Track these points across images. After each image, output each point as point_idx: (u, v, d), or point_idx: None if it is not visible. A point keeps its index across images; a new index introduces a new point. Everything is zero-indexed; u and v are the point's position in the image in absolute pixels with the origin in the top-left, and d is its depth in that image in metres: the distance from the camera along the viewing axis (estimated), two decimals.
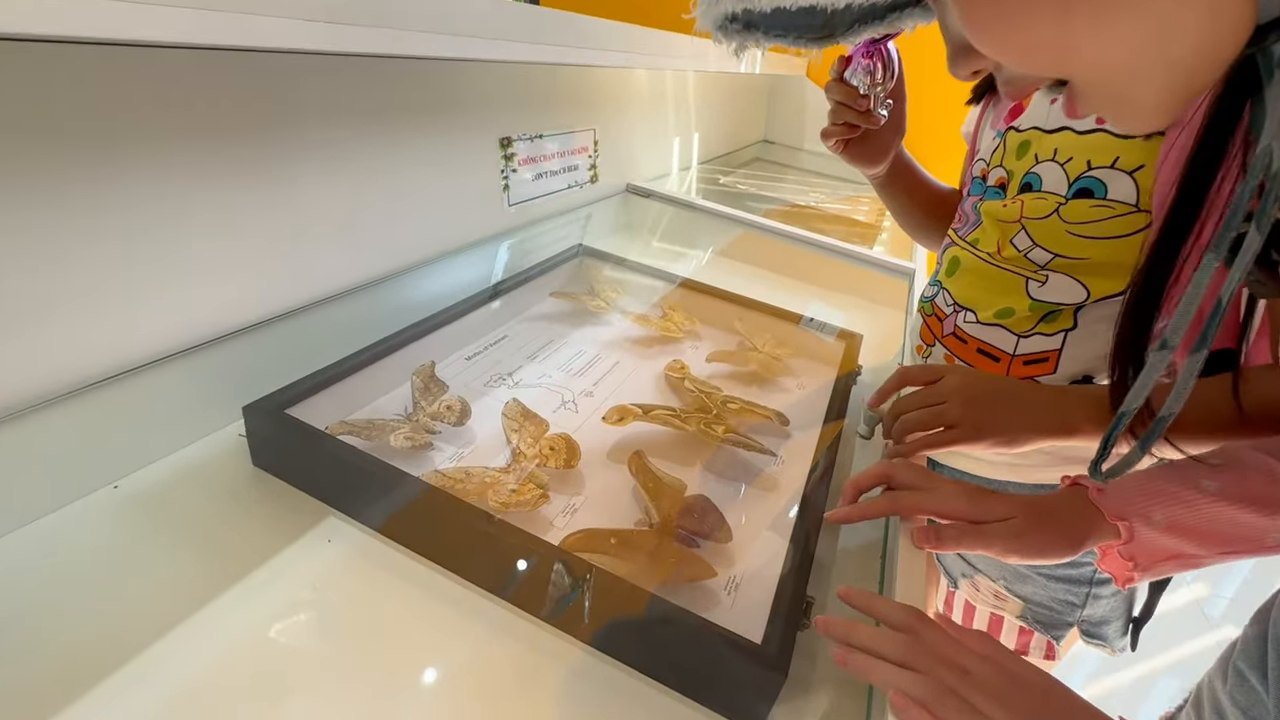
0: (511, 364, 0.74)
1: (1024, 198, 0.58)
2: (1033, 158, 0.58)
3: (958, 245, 0.66)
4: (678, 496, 0.55)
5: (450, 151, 0.79)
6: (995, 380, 0.56)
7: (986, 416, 0.53)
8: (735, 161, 1.92)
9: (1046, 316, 0.58)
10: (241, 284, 0.58)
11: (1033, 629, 0.68)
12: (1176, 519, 0.43)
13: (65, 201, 0.44)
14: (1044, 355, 0.58)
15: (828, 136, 0.68)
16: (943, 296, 0.66)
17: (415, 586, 0.46)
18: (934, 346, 0.67)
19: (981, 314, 0.61)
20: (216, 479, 0.52)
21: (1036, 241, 0.57)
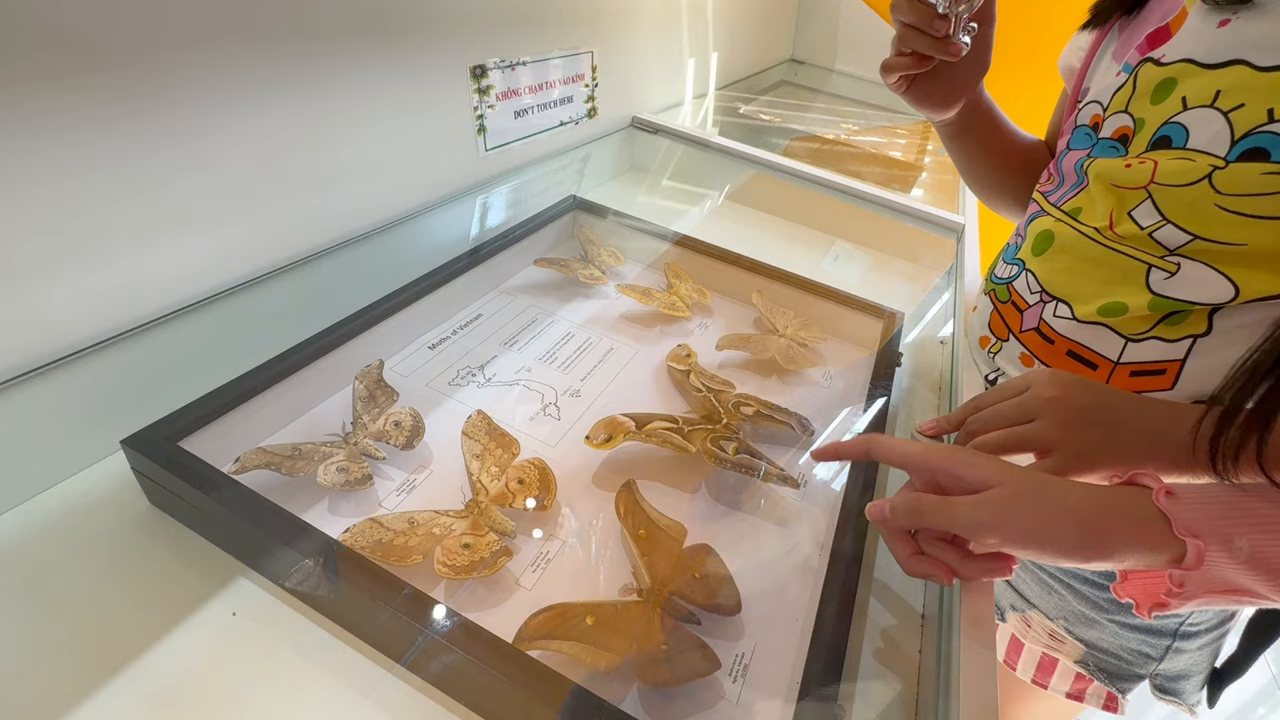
0: (484, 354, 0.62)
1: (1157, 156, 0.43)
2: (1179, 102, 0.43)
3: (1050, 214, 0.51)
4: (675, 549, 0.44)
5: (406, 84, 0.63)
6: (1102, 391, 0.42)
7: (1093, 439, 0.40)
8: (758, 86, 1.71)
9: (1170, 317, 0.44)
10: (130, 269, 0.46)
11: (1093, 677, 0.59)
12: (1266, 552, 0.32)
13: None
14: (1159, 366, 0.45)
15: (890, 71, 0.52)
16: (1026, 280, 0.52)
17: (339, 679, 0.37)
18: (1007, 342, 0.53)
19: (1080, 308, 0.47)
20: (100, 525, 0.42)
21: (1169, 217, 0.42)
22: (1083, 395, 0.41)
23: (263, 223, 0.54)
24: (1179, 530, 0.32)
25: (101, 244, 0.44)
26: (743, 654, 0.41)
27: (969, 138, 0.60)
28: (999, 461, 0.36)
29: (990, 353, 0.56)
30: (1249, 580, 0.32)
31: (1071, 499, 0.34)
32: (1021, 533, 0.33)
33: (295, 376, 0.49)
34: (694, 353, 0.65)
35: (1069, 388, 0.42)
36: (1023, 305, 0.52)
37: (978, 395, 0.46)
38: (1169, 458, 0.39)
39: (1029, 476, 0.35)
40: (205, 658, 0.37)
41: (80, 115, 0.40)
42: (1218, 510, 0.33)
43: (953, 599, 0.40)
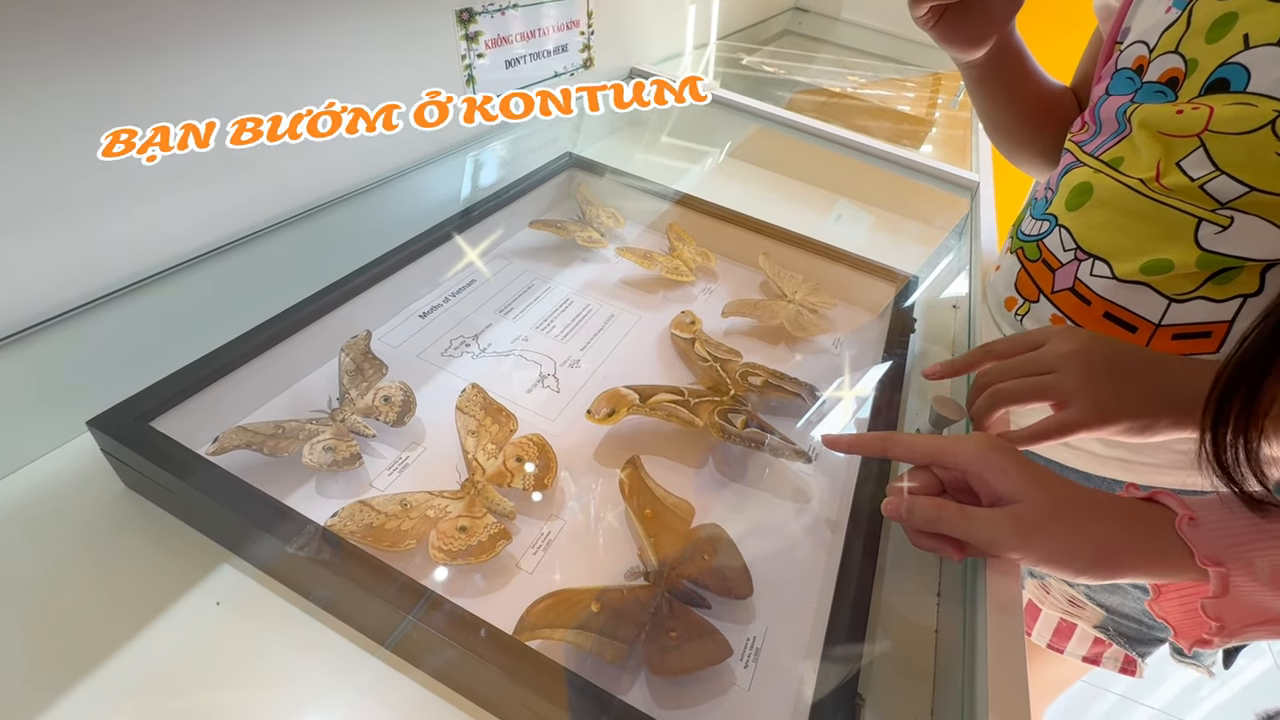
0: (478, 322, 0.59)
1: (1212, 101, 0.40)
2: (1239, 40, 0.39)
3: (1087, 165, 0.48)
4: (683, 529, 0.42)
5: (387, 29, 0.58)
6: (1120, 346, 0.41)
7: (1112, 393, 0.38)
8: (760, 36, 1.63)
9: (1219, 275, 0.41)
10: (95, 233, 0.42)
11: (1112, 641, 0.58)
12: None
13: None
14: (1205, 328, 0.42)
15: (920, 2, 0.48)
16: (1060, 236, 0.49)
17: (331, 674, 0.35)
18: (1036, 304, 0.51)
19: (1120, 266, 0.45)
20: (73, 509, 0.39)
21: (1223, 167, 0.39)
22: (1102, 350, 0.39)
23: (237, 183, 0.50)
24: (1202, 561, 0.31)
25: (61, 205, 0.40)
26: (754, 638, 0.39)
27: (996, 82, 0.56)
28: (1029, 473, 0.34)
29: (1017, 314, 0.53)
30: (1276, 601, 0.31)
31: (1092, 525, 0.33)
32: (1039, 556, 0.33)
33: (276, 349, 0.46)
34: (698, 319, 0.62)
35: (1088, 343, 0.40)
36: (1055, 264, 0.49)
37: (991, 341, 0.43)
38: (1187, 414, 0.38)
39: (1055, 495, 0.34)
40: (189, 650, 0.35)
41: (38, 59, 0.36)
42: (1239, 530, 0.32)
43: (976, 581, 0.38)
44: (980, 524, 0.34)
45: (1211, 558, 0.32)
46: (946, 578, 0.45)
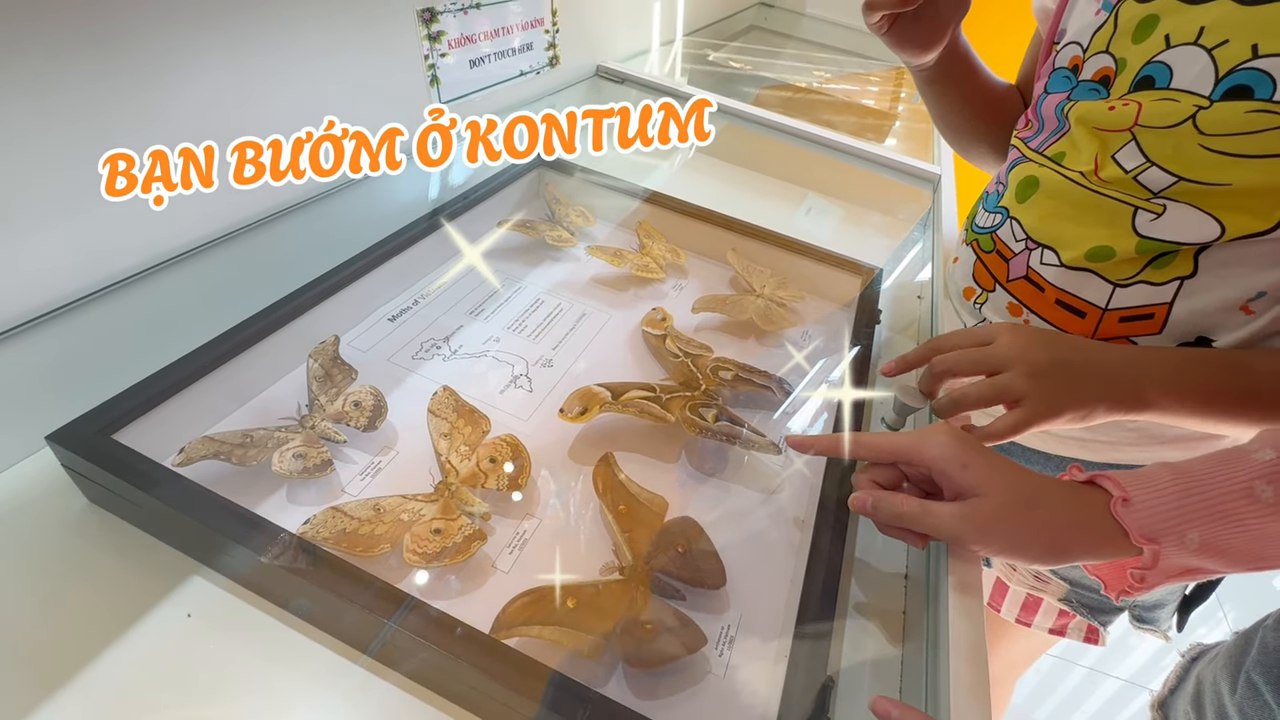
0: (448, 324, 0.59)
1: (1140, 97, 0.42)
2: (1162, 40, 0.41)
3: (1032, 160, 0.50)
4: (656, 523, 0.43)
5: (346, 30, 0.58)
6: (1059, 340, 0.43)
7: (1059, 387, 0.41)
8: (727, 32, 1.64)
9: (1157, 260, 0.43)
10: (48, 243, 0.41)
11: (1075, 613, 0.61)
12: (1215, 538, 0.34)
13: None
14: (1148, 310, 0.45)
15: (873, 10, 0.50)
16: (1011, 228, 0.51)
17: (308, 680, 0.35)
18: (993, 293, 0.53)
19: (1066, 254, 0.47)
20: (35, 525, 0.39)
21: (1153, 159, 0.41)
22: (1045, 349, 0.42)
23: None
24: (1136, 539, 0.34)
25: (11, 214, 0.39)
26: (728, 626, 0.40)
27: (946, 83, 0.58)
28: (987, 466, 0.36)
29: (976, 304, 0.55)
30: (1201, 562, 0.34)
31: (1045, 514, 0.35)
32: (996, 548, 0.36)
33: (242, 357, 0.46)
34: (669, 316, 0.63)
35: (1031, 343, 0.42)
36: (1009, 254, 0.51)
37: (939, 337, 0.45)
38: (1120, 399, 0.41)
39: (1011, 487, 0.36)
40: (161, 663, 0.34)
41: None
42: (1169, 508, 0.34)
43: (939, 565, 0.39)
44: (941, 520, 0.36)
45: (1145, 535, 0.34)
46: (913, 563, 0.46)
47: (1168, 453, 0.51)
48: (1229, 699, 0.41)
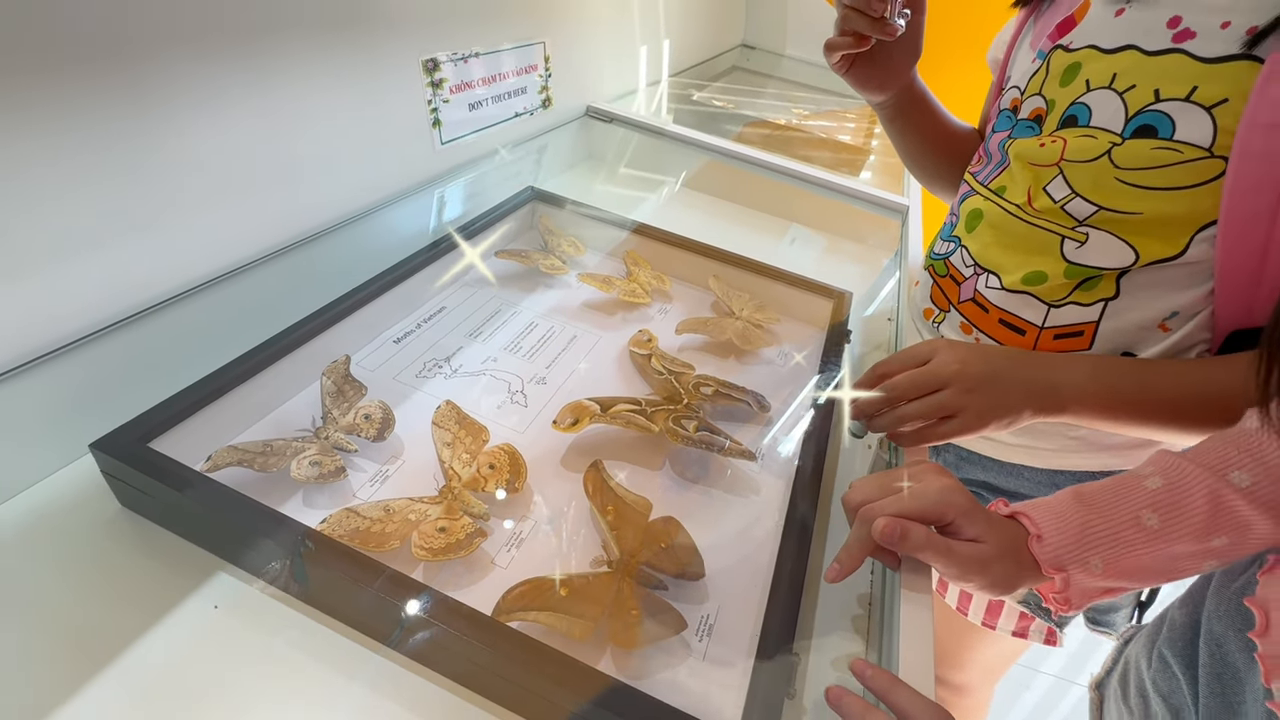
0: (449, 346, 0.63)
1: (1066, 134, 0.48)
2: (1083, 84, 0.47)
3: (979, 193, 0.56)
4: (642, 522, 0.47)
5: (358, 79, 0.64)
6: (990, 354, 0.49)
7: (989, 398, 0.46)
8: (710, 72, 1.73)
9: (1084, 283, 0.49)
10: (87, 272, 0.45)
11: (1034, 615, 0.64)
12: (1114, 562, 0.39)
13: None
14: (1078, 328, 0.50)
15: (833, 50, 0.56)
16: (961, 255, 0.56)
17: (327, 664, 0.38)
18: (948, 313, 0.58)
19: (1007, 278, 0.52)
20: (73, 528, 0.42)
21: (1077, 190, 0.47)
22: (978, 364, 0.47)
23: (218, 222, 0.54)
24: (1046, 571, 0.39)
25: (57, 245, 0.43)
26: (708, 615, 0.44)
27: (906, 121, 0.64)
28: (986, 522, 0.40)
29: (934, 323, 0.60)
30: (1111, 583, 0.39)
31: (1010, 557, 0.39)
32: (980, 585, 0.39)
33: (262, 374, 0.50)
34: (654, 337, 0.68)
35: (966, 360, 0.47)
36: (960, 278, 0.56)
37: (881, 361, 0.51)
38: (1042, 405, 0.46)
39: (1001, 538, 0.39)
40: (190, 652, 0.38)
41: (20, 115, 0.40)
42: (1071, 541, 0.39)
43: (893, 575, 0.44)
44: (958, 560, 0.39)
45: (1054, 566, 0.39)
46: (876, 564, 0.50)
47: (1108, 459, 0.55)
48: (1146, 674, 0.45)
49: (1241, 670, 0.37)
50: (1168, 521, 0.38)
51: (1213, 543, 0.38)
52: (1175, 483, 0.39)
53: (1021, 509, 0.41)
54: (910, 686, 0.34)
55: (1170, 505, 0.39)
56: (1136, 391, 0.46)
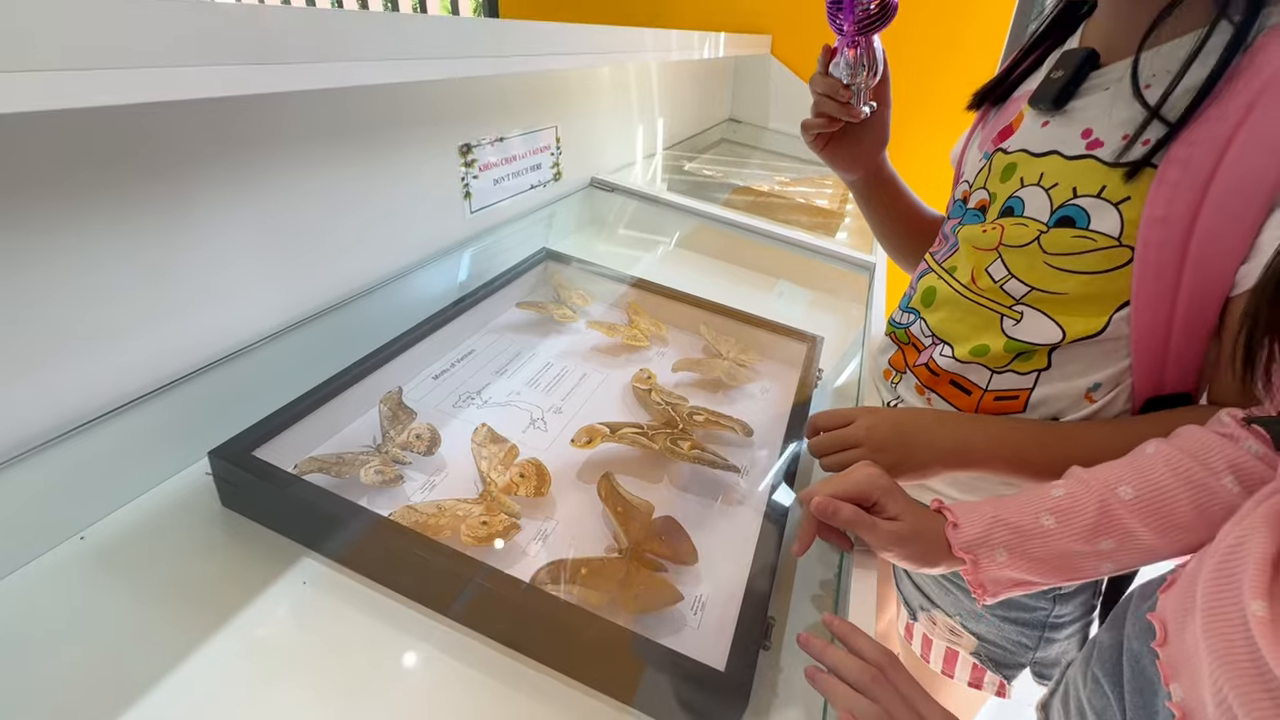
0: (479, 382, 0.74)
1: (1004, 222, 0.56)
2: (1018, 181, 0.56)
3: (934, 271, 0.64)
4: (646, 520, 0.57)
5: (408, 166, 0.77)
6: (901, 417, 0.58)
7: (896, 456, 0.55)
8: (700, 145, 1.91)
9: (1021, 355, 0.56)
10: (197, 322, 0.57)
11: (985, 667, 0.69)
12: (1016, 552, 0.46)
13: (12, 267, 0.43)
14: (1014, 394, 0.57)
15: (807, 129, 0.67)
16: (920, 326, 0.64)
17: (394, 627, 0.48)
18: (905, 374, 0.66)
19: (958, 349, 0.59)
20: (185, 523, 0.52)
21: (1013, 272, 0.55)
22: (884, 429, 0.57)
23: (297, 280, 0.66)
24: (956, 553, 0.47)
25: (178, 304, 0.55)
26: (701, 595, 0.54)
27: (877, 200, 0.75)
28: (908, 502, 0.50)
29: (891, 383, 0.68)
30: (1019, 575, 0.46)
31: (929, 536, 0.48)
32: (899, 557, 0.49)
33: (331, 402, 0.61)
34: (654, 375, 0.79)
35: (875, 426, 0.57)
36: (921, 347, 0.64)
37: (816, 415, 0.61)
38: (947, 461, 0.55)
39: (917, 518, 0.49)
40: (286, 616, 0.47)
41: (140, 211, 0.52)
42: (981, 531, 0.47)
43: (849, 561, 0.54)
44: (879, 534, 0.48)
45: (963, 549, 0.46)
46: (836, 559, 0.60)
47: None
48: (1083, 693, 0.48)
49: (1154, 680, 0.40)
50: (1061, 523, 0.45)
51: (1100, 545, 0.45)
52: (1073, 492, 0.47)
53: (946, 504, 0.50)
54: (865, 633, 0.44)
55: (1065, 510, 0.46)
56: (1036, 450, 0.54)
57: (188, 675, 0.43)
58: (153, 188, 0.51)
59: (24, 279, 0.44)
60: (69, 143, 0.45)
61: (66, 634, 0.44)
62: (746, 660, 0.45)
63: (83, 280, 0.48)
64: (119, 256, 0.50)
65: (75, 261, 0.47)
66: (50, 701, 0.40)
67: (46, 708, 0.40)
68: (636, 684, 0.45)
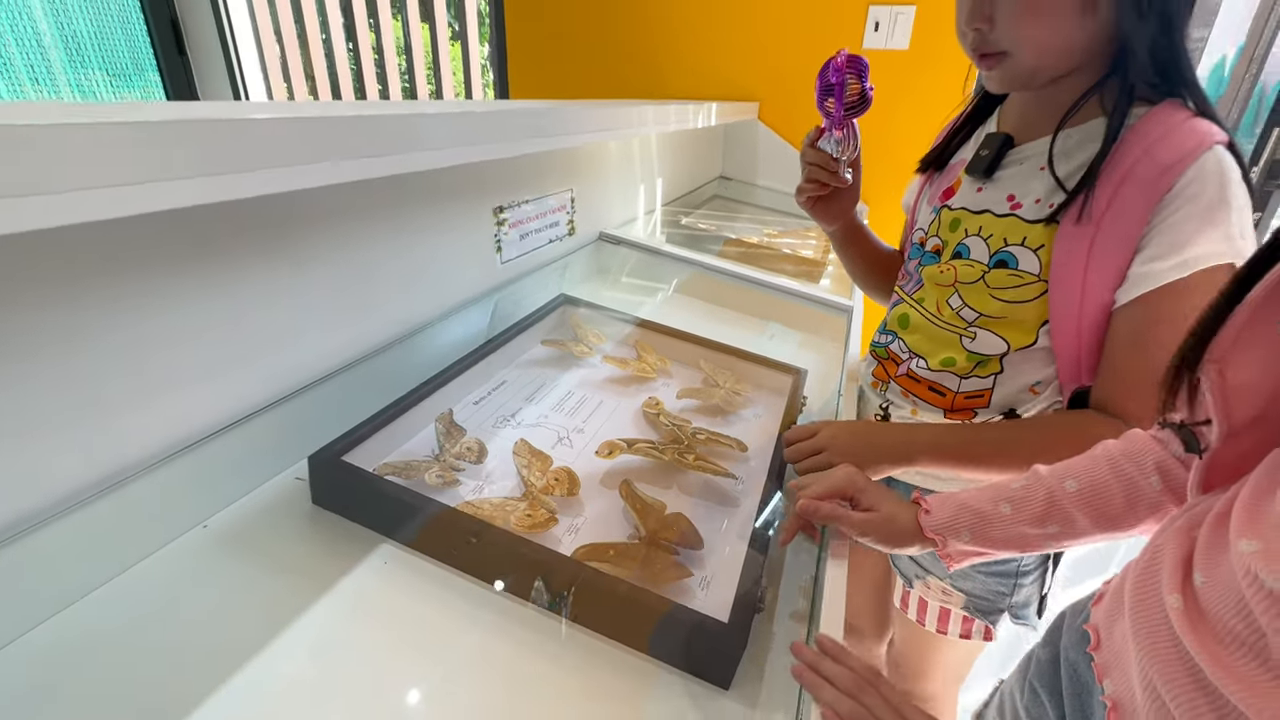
0: (513, 406, 0.87)
1: (955, 264, 0.73)
2: (963, 232, 0.73)
3: (905, 302, 0.81)
4: (660, 514, 0.69)
5: (452, 225, 0.92)
6: (855, 427, 0.74)
7: (852, 458, 0.69)
8: (695, 200, 2.09)
9: (980, 364, 0.72)
10: (285, 356, 0.70)
11: (974, 617, 0.83)
12: (978, 535, 0.56)
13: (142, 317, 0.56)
14: (980, 393, 0.73)
15: (801, 193, 0.83)
16: (898, 344, 0.80)
17: (456, 594, 0.59)
18: (889, 383, 0.82)
19: (931, 362, 0.76)
20: (284, 515, 0.64)
21: (966, 302, 0.71)
22: (843, 437, 0.72)
23: (364, 321, 0.79)
24: (927, 534, 0.58)
25: (275, 341, 0.68)
26: (707, 576, 0.65)
27: (850, 243, 0.93)
28: (877, 489, 0.62)
29: (881, 390, 0.83)
30: (979, 549, 0.57)
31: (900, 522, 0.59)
32: (874, 541, 0.60)
33: (396, 420, 0.73)
34: (661, 402, 0.92)
35: (835, 435, 0.72)
36: (899, 360, 0.80)
37: (788, 431, 0.75)
38: (892, 461, 0.70)
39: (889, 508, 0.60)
40: (372, 587, 0.58)
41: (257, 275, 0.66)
42: (948, 516, 0.57)
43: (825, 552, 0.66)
44: (854, 523, 0.60)
45: (933, 531, 0.57)
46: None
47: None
48: (1020, 703, 0.53)
49: (1089, 683, 0.45)
50: (1016, 510, 0.56)
51: (1048, 528, 0.54)
52: (1028, 484, 0.57)
53: (921, 496, 0.62)
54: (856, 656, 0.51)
55: (1020, 499, 0.56)
56: (960, 447, 0.69)
57: (297, 631, 0.53)
58: (272, 258, 0.65)
59: (176, 323, 0.57)
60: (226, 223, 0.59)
61: (197, 599, 0.55)
62: (744, 618, 0.56)
63: (212, 326, 0.61)
64: (231, 310, 0.63)
65: (208, 313, 0.60)
66: (188, 653, 0.51)
67: (187, 657, 0.50)
68: (657, 637, 0.56)
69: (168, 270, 0.56)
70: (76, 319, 0.51)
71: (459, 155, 0.70)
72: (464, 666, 0.53)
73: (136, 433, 0.56)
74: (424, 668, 0.52)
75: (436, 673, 0.52)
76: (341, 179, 0.55)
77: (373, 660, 0.52)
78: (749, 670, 0.56)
